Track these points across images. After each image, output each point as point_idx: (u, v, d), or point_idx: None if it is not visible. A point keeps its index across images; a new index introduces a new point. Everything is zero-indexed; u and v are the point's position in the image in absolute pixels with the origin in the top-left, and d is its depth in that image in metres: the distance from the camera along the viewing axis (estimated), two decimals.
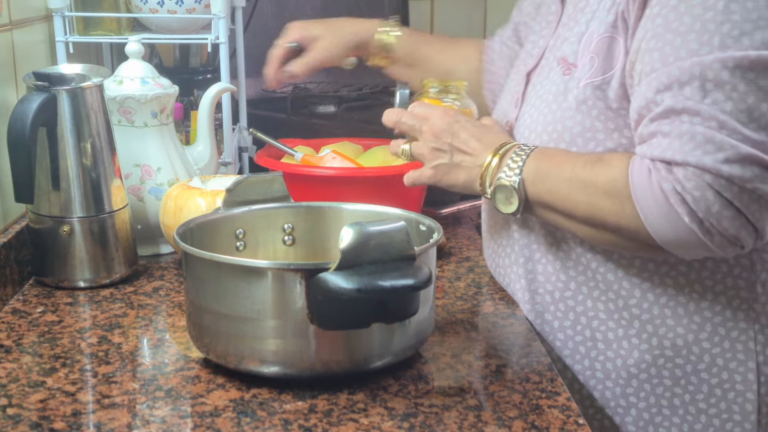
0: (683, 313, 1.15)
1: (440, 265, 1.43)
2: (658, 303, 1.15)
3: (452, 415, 0.95)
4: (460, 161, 1.19)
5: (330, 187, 1.49)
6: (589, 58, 1.13)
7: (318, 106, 2.18)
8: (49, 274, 1.31)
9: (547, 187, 1.12)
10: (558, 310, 1.21)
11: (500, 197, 1.15)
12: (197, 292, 1.02)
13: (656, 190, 1.03)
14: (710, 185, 1.00)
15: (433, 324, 1.08)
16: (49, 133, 1.27)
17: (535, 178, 1.12)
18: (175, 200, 1.35)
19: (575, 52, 1.17)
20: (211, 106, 1.53)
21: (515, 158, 1.14)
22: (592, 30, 1.15)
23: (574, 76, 1.16)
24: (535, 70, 1.26)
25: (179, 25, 1.67)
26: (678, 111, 1.01)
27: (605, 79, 1.12)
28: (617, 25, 1.11)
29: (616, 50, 1.11)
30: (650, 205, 1.03)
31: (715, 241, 1.03)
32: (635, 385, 1.17)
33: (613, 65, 1.11)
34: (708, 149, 0.99)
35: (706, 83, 1.00)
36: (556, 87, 1.18)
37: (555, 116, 1.16)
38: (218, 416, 0.94)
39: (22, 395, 0.98)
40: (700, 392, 1.16)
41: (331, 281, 0.92)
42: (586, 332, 1.19)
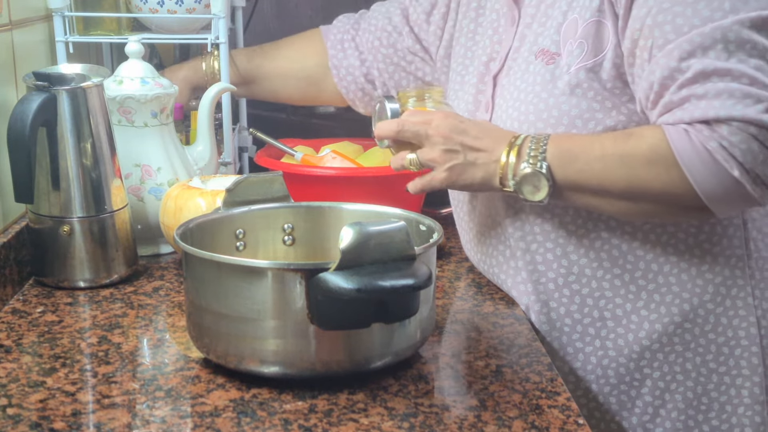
0: (686, 278, 1.20)
1: (440, 265, 1.43)
2: (662, 272, 1.20)
3: (452, 415, 0.95)
4: (474, 159, 1.18)
5: (330, 187, 1.49)
6: (578, 44, 1.17)
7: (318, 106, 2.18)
8: (49, 274, 1.31)
9: (577, 167, 1.13)
10: (563, 296, 1.23)
11: (527, 187, 1.15)
12: (197, 292, 1.02)
13: (701, 150, 1.06)
14: (755, 136, 1.04)
15: (433, 324, 1.08)
16: (49, 133, 1.27)
17: (561, 161, 1.13)
18: (175, 200, 1.35)
19: (556, 42, 1.20)
20: (211, 106, 1.53)
21: (534, 146, 1.14)
22: (574, 18, 1.18)
23: (559, 63, 1.18)
24: (500, 73, 1.28)
25: (179, 25, 1.67)
26: (708, 73, 1.05)
27: (597, 61, 1.15)
28: (603, 9, 1.15)
29: (605, 33, 1.15)
30: (697, 166, 1.06)
31: (759, 192, 1.07)
32: (648, 357, 1.21)
33: (604, 47, 1.15)
34: (748, 103, 1.04)
35: (728, 44, 1.05)
36: (542, 77, 1.20)
37: (547, 104, 1.18)
38: (218, 416, 0.94)
39: (22, 395, 0.98)
40: (709, 353, 1.21)
41: (331, 281, 0.92)
42: (594, 313, 1.22)
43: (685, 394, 1.22)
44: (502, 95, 1.26)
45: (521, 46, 1.26)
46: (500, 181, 1.17)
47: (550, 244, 1.23)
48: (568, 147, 1.14)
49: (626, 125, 1.15)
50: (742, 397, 1.22)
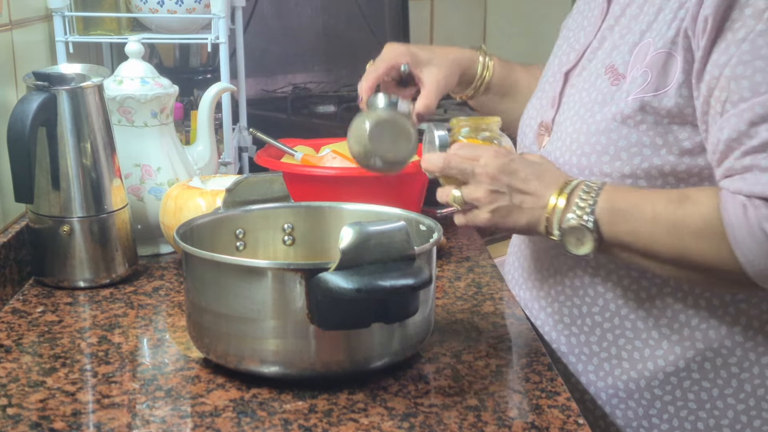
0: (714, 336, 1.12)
1: (440, 265, 1.43)
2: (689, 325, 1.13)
3: (452, 415, 0.95)
4: (521, 202, 1.11)
5: (330, 187, 1.49)
6: (642, 72, 1.09)
7: (318, 106, 2.19)
8: (49, 274, 1.31)
9: (626, 228, 1.07)
10: (585, 325, 1.18)
11: (571, 239, 1.08)
12: (197, 292, 1.02)
13: (755, 228, 0.99)
14: None
15: (433, 324, 1.08)
16: (49, 133, 1.27)
17: (611, 219, 1.07)
18: (175, 200, 1.35)
19: (626, 63, 1.12)
20: (211, 106, 1.53)
21: (584, 197, 1.08)
22: (648, 42, 1.10)
23: (622, 87, 1.11)
24: (574, 70, 1.22)
25: (179, 25, 1.67)
26: None
27: (657, 96, 1.08)
28: (677, 41, 1.07)
29: (673, 67, 1.07)
30: (749, 245, 1.00)
31: None
32: (659, 407, 1.16)
33: (668, 82, 1.07)
34: None
35: None
36: (602, 96, 1.14)
37: (599, 127, 1.12)
38: (218, 416, 0.94)
39: (22, 395, 0.98)
40: (729, 387, 1.13)
41: (331, 281, 0.92)
42: (612, 350, 1.17)
43: (695, 425, 1.15)
44: (569, 98, 1.20)
45: (599, 48, 1.19)
46: (546, 228, 1.11)
47: (580, 270, 1.18)
48: (621, 202, 1.07)
49: (675, 166, 1.08)
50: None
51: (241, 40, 1.87)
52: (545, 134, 1.23)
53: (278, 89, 2.35)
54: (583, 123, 1.14)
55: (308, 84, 2.40)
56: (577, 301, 1.19)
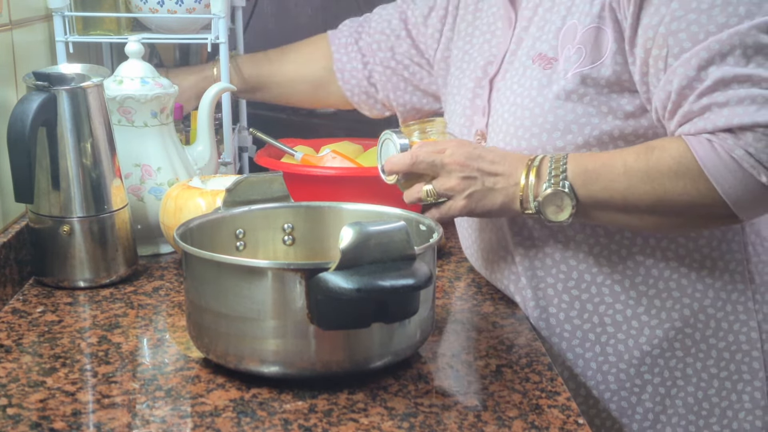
0: (687, 283, 1.19)
1: (440, 265, 1.43)
2: (662, 277, 1.19)
3: (452, 415, 0.95)
4: (493, 184, 1.15)
5: (330, 187, 1.49)
6: (576, 50, 1.15)
7: None
8: (49, 274, 1.31)
9: (601, 185, 1.12)
10: (562, 302, 1.22)
11: (550, 208, 1.13)
12: (197, 292, 1.02)
13: (726, 159, 1.05)
14: None
15: (433, 324, 1.08)
16: (49, 133, 1.27)
17: (584, 180, 1.12)
18: (175, 200, 1.35)
19: (554, 47, 1.19)
20: (211, 106, 1.53)
21: (554, 166, 1.13)
22: (572, 24, 1.17)
23: (556, 69, 1.17)
24: (496, 76, 1.27)
25: (179, 25, 1.67)
26: (728, 81, 1.04)
27: (594, 67, 1.14)
28: (603, 15, 1.13)
29: (604, 39, 1.14)
30: (724, 175, 1.06)
31: None
32: (649, 362, 1.21)
33: (602, 54, 1.14)
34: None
35: (746, 49, 1.03)
36: (538, 82, 1.19)
37: (543, 108, 1.17)
38: (218, 416, 0.94)
39: (22, 395, 0.98)
40: (710, 358, 1.21)
41: (331, 281, 0.92)
42: (594, 319, 1.22)
43: (685, 400, 1.22)
44: (498, 99, 1.25)
45: (518, 49, 1.25)
46: (521, 204, 1.15)
47: (549, 249, 1.22)
48: (590, 165, 1.12)
49: (623, 130, 1.15)
50: (743, 402, 1.22)
51: (241, 40, 1.87)
52: (482, 141, 1.27)
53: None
54: (524, 109, 1.19)
55: None
56: (550, 280, 1.23)
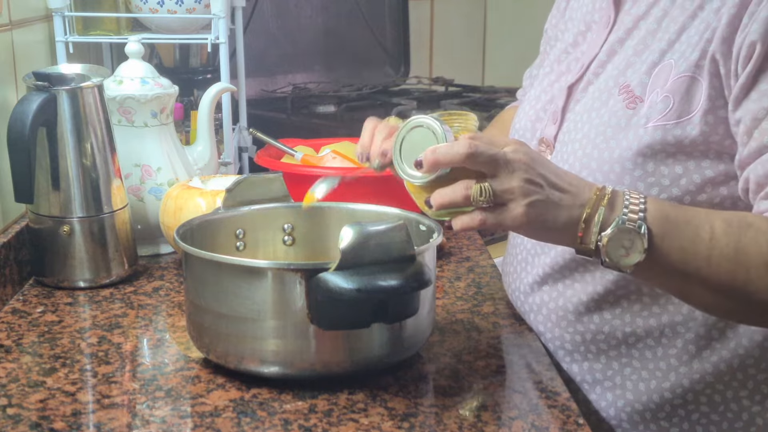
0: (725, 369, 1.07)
1: (440, 265, 1.43)
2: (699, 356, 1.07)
3: (452, 415, 0.95)
4: (559, 199, 0.94)
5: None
6: (663, 97, 1.02)
7: (318, 106, 2.19)
8: (49, 274, 1.31)
9: (680, 243, 0.94)
10: (589, 352, 1.13)
11: (616, 247, 0.93)
12: (197, 292, 1.02)
13: None
14: None
15: (433, 324, 1.08)
16: (49, 133, 1.27)
17: (665, 229, 0.94)
18: (175, 200, 1.35)
19: (643, 85, 1.04)
20: (211, 106, 1.53)
21: (632, 201, 0.94)
22: (669, 63, 1.03)
23: (639, 112, 1.04)
24: (578, 84, 1.14)
25: (179, 25, 1.67)
26: None
27: (680, 123, 1.00)
28: (702, 65, 1.00)
29: (697, 93, 1.00)
30: None
31: None
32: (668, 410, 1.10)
33: (692, 109, 1.00)
34: None
35: None
36: (617, 120, 1.05)
37: (612, 155, 1.04)
38: (218, 416, 0.94)
39: (22, 395, 0.98)
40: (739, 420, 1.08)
41: (331, 281, 0.92)
42: (616, 379, 1.12)
43: None
44: (574, 115, 1.11)
45: (608, 62, 1.11)
46: (582, 230, 0.94)
47: (585, 296, 1.10)
48: (672, 215, 0.95)
49: (694, 197, 1.01)
50: None
51: (241, 40, 1.87)
52: (547, 151, 1.16)
53: (278, 89, 2.35)
54: (594, 148, 1.06)
55: (308, 84, 2.40)
56: (580, 327, 1.12)
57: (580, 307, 1.11)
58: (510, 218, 0.93)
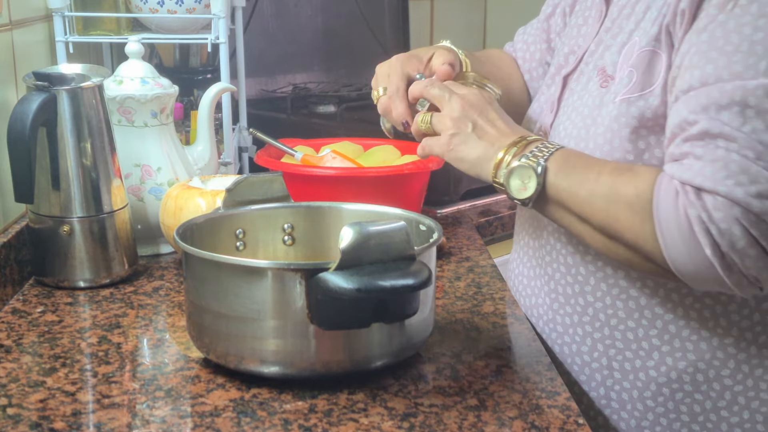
0: (706, 348, 1.09)
1: (440, 265, 1.43)
2: (680, 336, 1.10)
3: (452, 415, 0.95)
4: (480, 135, 1.10)
5: (330, 187, 1.49)
6: (628, 72, 1.07)
7: (318, 106, 2.19)
8: (49, 274, 1.31)
9: (568, 183, 1.05)
10: (576, 334, 1.17)
11: (515, 180, 1.07)
12: (197, 292, 1.02)
13: (681, 214, 0.96)
14: (738, 219, 0.93)
15: (433, 324, 1.08)
16: (49, 133, 1.27)
17: (559, 171, 1.05)
18: (175, 200, 1.35)
19: (614, 64, 1.11)
20: (211, 106, 1.53)
21: (541, 147, 1.07)
22: (635, 41, 1.09)
23: (610, 89, 1.10)
24: (572, 74, 1.21)
25: (179, 25, 1.67)
26: (714, 135, 0.95)
27: (643, 95, 1.06)
28: (660, 38, 1.05)
29: (658, 65, 1.05)
30: (672, 230, 0.97)
31: (734, 279, 0.96)
32: (651, 419, 1.13)
33: (653, 81, 1.05)
34: (741, 180, 0.93)
35: (746, 109, 0.94)
36: (593, 100, 1.12)
37: (588, 132, 1.11)
38: (218, 416, 0.94)
39: (22, 395, 0.98)
40: (722, 399, 1.10)
41: (331, 281, 0.92)
42: (602, 360, 1.15)
43: None
44: (566, 102, 1.18)
45: (596, 51, 1.17)
46: (494, 167, 1.09)
47: (570, 278, 1.17)
48: (573, 159, 1.06)
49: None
50: None
51: (241, 40, 1.87)
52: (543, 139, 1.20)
53: (278, 89, 2.35)
54: (574, 128, 1.13)
55: (308, 84, 2.40)
56: (569, 309, 1.18)
57: (568, 288, 1.17)
58: (437, 145, 1.14)
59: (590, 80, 1.15)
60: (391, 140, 1.68)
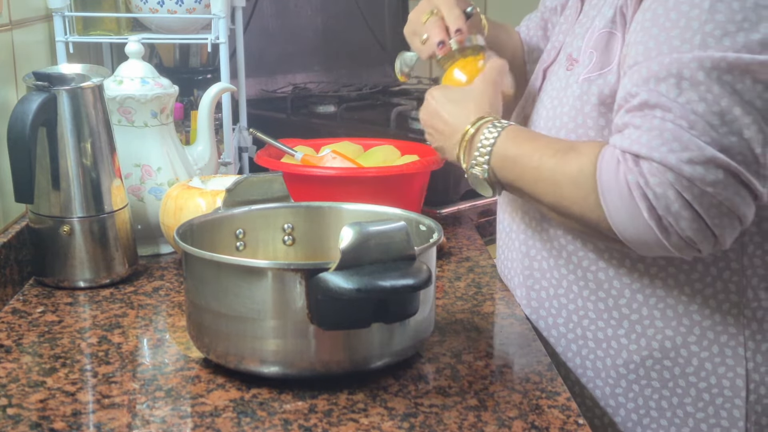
0: (672, 315, 1.13)
1: (440, 265, 1.43)
2: (647, 304, 1.14)
3: (452, 415, 0.95)
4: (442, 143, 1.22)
5: (330, 187, 1.49)
6: (589, 54, 1.14)
7: (318, 106, 2.18)
8: (49, 274, 1.31)
9: (515, 175, 1.13)
10: (552, 307, 1.22)
11: (474, 182, 1.18)
12: (197, 292, 1.02)
13: (621, 181, 1.02)
14: (672, 184, 0.99)
15: (433, 324, 1.08)
16: (49, 133, 1.27)
17: (502, 166, 1.14)
18: (175, 200, 1.35)
19: (578, 48, 1.18)
20: (211, 106, 1.53)
21: (483, 144, 1.15)
22: (596, 25, 1.15)
23: (575, 71, 1.16)
24: (551, 67, 1.26)
25: (179, 25, 1.67)
26: (651, 105, 1.01)
27: (602, 74, 1.12)
28: (616, 20, 1.11)
29: (614, 46, 1.11)
30: (613, 197, 1.03)
31: (672, 241, 1.02)
32: (624, 386, 1.17)
33: (611, 60, 1.11)
34: (674, 147, 0.99)
35: (682, 81, 1.00)
36: (560, 83, 1.19)
37: (555, 112, 1.17)
38: (218, 416, 0.94)
39: (22, 395, 0.98)
40: (687, 396, 1.14)
41: (331, 281, 0.92)
42: (577, 330, 1.20)
43: (659, 403, 1.16)
44: (544, 91, 1.24)
45: (569, 41, 1.24)
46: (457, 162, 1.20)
47: (545, 253, 1.22)
48: (511, 151, 1.13)
49: None
50: (720, 418, 1.14)
51: (241, 40, 1.87)
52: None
53: (278, 89, 2.35)
54: (545, 110, 1.20)
55: (308, 84, 2.40)
56: (544, 283, 1.23)
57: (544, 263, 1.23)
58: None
59: (560, 68, 1.22)
60: (391, 140, 1.68)
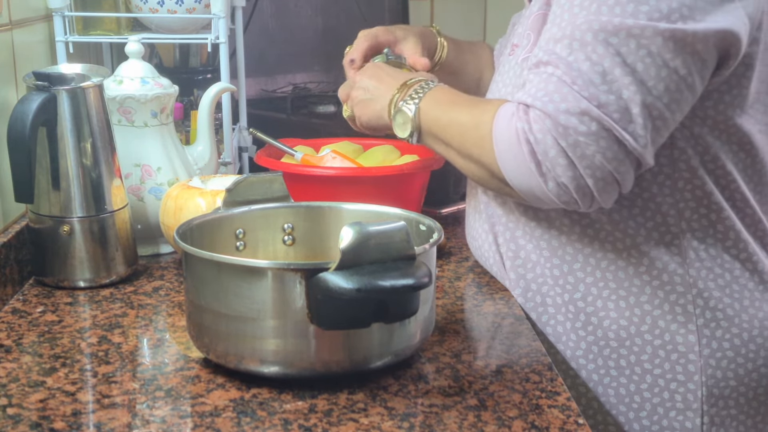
0: (624, 306, 1.21)
1: (440, 265, 1.43)
2: (601, 296, 1.22)
3: (452, 415, 0.95)
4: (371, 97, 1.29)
5: (330, 187, 1.49)
6: (527, 35, 1.22)
7: (318, 106, 2.18)
8: (49, 274, 1.31)
9: (436, 114, 1.20)
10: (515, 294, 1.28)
11: (398, 120, 1.24)
12: (197, 292, 1.02)
13: (512, 128, 1.10)
14: (549, 130, 1.07)
15: (433, 324, 1.08)
16: (49, 133, 1.27)
17: (429, 108, 1.21)
18: (175, 200, 1.35)
19: (520, 35, 1.26)
20: (211, 106, 1.53)
21: (418, 90, 1.23)
22: (533, 10, 1.23)
23: (516, 54, 1.25)
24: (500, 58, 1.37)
25: (179, 25, 1.67)
26: (545, 63, 1.10)
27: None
28: (549, 2, 1.18)
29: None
30: (503, 141, 1.11)
31: (550, 187, 1.09)
32: (584, 375, 1.24)
33: None
34: (554, 98, 1.07)
35: (573, 42, 1.08)
36: (504, 68, 1.27)
37: (500, 93, 1.25)
38: (218, 416, 0.94)
39: (22, 395, 0.98)
40: (644, 353, 1.21)
41: (331, 281, 0.92)
42: (536, 298, 1.26)
43: (617, 390, 1.22)
44: (493, 80, 1.33)
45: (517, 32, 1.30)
46: (388, 114, 1.26)
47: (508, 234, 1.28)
48: (441, 96, 1.22)
49: None
50: (675, 402, 1.21)
51: (241, 40, 1.87)
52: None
53: (278, 89, 2.35)
54: (491, 94, 1.30)
55: (308, 84, 2.40)
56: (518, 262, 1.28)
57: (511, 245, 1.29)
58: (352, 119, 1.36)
59: (507, 55, 1.30)
60: (391, 140, 1.68)
